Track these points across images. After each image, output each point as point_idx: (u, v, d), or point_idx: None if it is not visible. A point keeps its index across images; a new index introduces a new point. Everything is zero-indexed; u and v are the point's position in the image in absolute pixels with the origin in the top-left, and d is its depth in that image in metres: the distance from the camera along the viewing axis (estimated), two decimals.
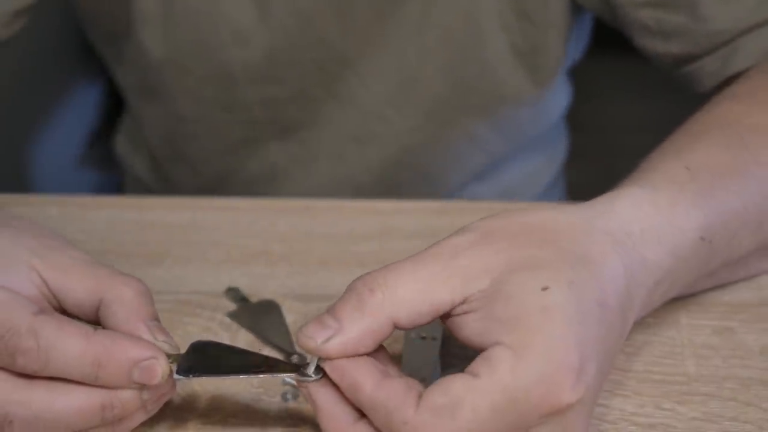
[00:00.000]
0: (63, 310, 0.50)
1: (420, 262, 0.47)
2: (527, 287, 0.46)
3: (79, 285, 0.49)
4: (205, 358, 0.49)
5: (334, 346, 0.46)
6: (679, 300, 0.59)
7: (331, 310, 0.47)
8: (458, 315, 0.47)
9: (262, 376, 0.49)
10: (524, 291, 0.46)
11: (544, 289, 0.46)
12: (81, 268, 0.50)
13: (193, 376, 0.48)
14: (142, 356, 0.46)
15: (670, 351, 0.57)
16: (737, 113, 0.62)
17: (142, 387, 0.47)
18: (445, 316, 0.48)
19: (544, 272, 0.46)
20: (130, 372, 0.46)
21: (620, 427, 0.51)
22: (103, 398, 0.46)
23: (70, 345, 0.46)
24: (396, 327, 0.47)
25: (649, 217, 0.52)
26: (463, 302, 0.47)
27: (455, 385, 0.45)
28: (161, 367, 0.47)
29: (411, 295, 0.46)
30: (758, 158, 0.58)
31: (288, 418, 0.52)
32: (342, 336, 0.46)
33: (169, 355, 0.48)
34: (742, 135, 0.59)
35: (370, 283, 0.47)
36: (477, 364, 0.45)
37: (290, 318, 0.60)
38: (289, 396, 0.53)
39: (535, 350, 0.44)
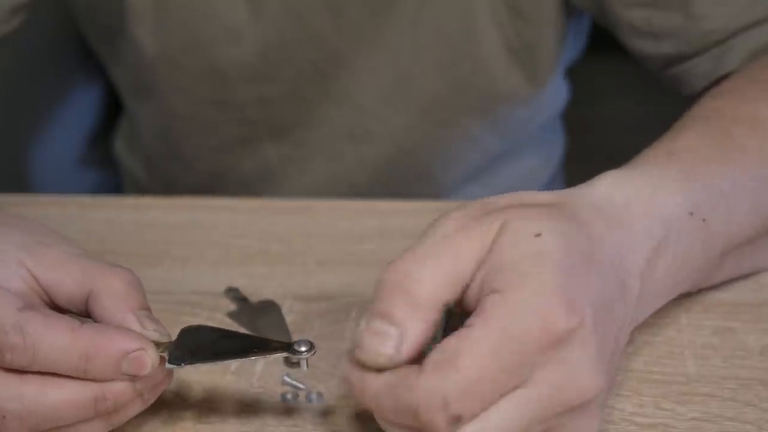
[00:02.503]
0: (55, 305, 0.50)
1: (439, 242, 0.47)
2: (521, 234, 0.47)
3: (68, 279, 0.49)
4: (196, 344, 0.48)
5: (407, 353, 0.45)
6: (680, 300, 0.59)
7: (379, 314, 0.46)
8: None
9: (254, 358, 0.49)
10: (518, 237, 0.46)
11: (537, 235, 0.46)
12: (70, 261, 0.50)
13: (185, 365, 0.48)
14: (130, 348, 0.46)
15: (670, 351, 0.56)
16: (720, 108, 0.63)
17: (133, 378, 0.47)
18: None
19: (538, 222, 0.47)
20: (119, 364, 0.46)
21: (620, 428, 0.51)
22: (95, 391, 0.46)
23: (56, 339, 0.46)
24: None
25: (630, 194, 0.52)
26: (468, 284, 0.47)
27: (451, 342, 0.45)
28: (150, 358, 0.47)
29: (448, 273, 0.46)
30: (742, 144, 0.59)
31: (288, 419, 0.52)
32: (409, 340, 0.45)
33: (159, 344, 0.48)
34: (726, 126, 0.60)
35: (411, 273, 0.46)
36: (471, 319, 0.45)
37: (290, 318, 0.60)
38: (289, 396, 0.53)
39: (526, 290, 0.45)
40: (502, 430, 0.44)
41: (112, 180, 1.06)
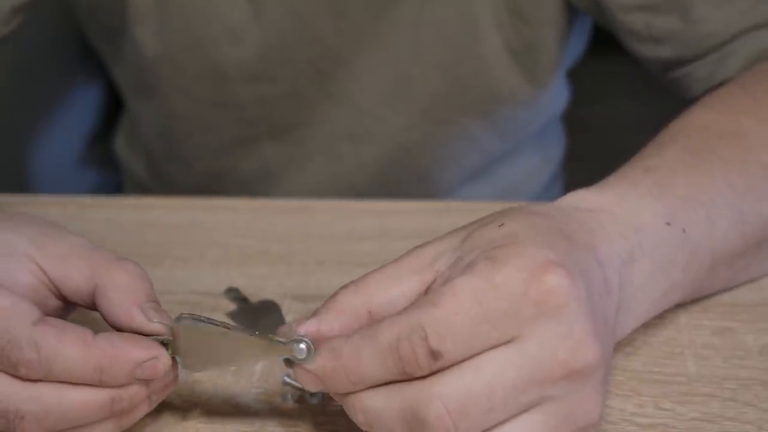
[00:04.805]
0: (63, 297, 0.50)
1: (393, 263, 0.49)
2: (486, 228, 0.47)
3: (76, 271, 0.50)
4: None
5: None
6: None
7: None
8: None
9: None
10: (483, 231, 0.47)
11: (501, 225, 0.47)
12: (77, 254, 0.50)
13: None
14: (142, 358, 0.47)
15: (670, 351, 0.56)
16: (707, 121, 0.62)
17: (146, 382, 0.47)
18: None
19: (501, 218, 0.48)
20: (133, 373, 0.47)
21: (620, 428, 0.51)
22: (112, 392, 0.47)
23: (71, 354, 0.46)
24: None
25: (597, 202, 0.52)
26: (435, 279, 0.47)
27: (434, 287, 0.46)
28: (163, 364, 0.47)
29: (384, 288, 0.48)
30: (724, 157, 0.58)
31: (288, 419, 0.52)
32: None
33: (168, 342, 0.48)
34: (709, 141, 0.59)
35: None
36: (453, 271, 0.46)
37: (290, 318, 0.60)
38: (289, 396, 0.53)
39: (510, 253, 0.45)
40: (492, 383, 0.43)
41: (113, 180, 1.06)
